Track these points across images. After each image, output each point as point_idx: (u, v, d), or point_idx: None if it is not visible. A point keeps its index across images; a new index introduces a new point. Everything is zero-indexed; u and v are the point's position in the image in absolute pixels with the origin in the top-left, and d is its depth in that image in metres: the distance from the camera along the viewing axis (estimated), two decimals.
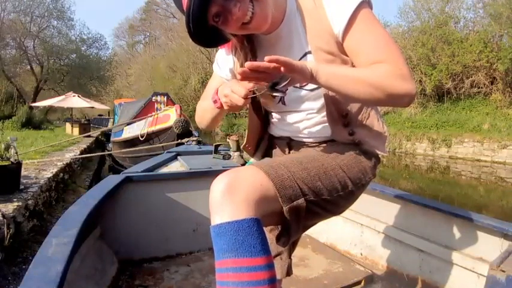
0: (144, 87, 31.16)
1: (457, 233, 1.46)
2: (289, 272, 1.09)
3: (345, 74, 0.77)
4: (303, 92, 0.91)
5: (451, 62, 13.49)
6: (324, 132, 0.95)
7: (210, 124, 1.00)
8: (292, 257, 1.11)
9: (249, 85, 0.77)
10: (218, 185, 0.71)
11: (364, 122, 0.93)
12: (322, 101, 0.90)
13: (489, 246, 1.34)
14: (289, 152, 1.02)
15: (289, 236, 0.81)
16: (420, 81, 14.37)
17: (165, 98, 8.62)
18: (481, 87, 13.37)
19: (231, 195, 0.68)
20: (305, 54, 0.87)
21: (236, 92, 0.77)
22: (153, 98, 8.56)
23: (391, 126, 14.38)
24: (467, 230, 1.42)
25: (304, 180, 0.78)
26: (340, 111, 0.90)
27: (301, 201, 0.76)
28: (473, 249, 1.39)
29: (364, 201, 1.88)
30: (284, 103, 0.95)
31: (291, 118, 0.97)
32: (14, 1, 21.55)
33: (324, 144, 0.96)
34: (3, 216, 2.67)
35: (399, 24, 17.02)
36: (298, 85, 0.90)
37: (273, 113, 1.03)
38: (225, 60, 1.02)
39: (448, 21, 14.51)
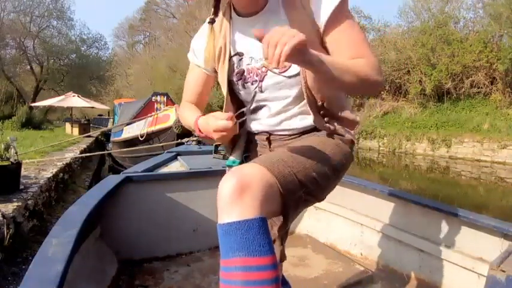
0: (144, 87, 31.10)
1: (457, 233, 1.46)
2: (282, 258, 1.11)
3: (333, 60, 0.80)
4: (280, 78, 0.93)
5: (451, 62, 13.48)
6: (301, 123, 0.97)
7: None
8: (285, 244, 1.13)
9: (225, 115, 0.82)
10: (226, 184, 0.71)
11: (338, 110, 0.97)
12: (298, 89, 0.92)
13: (489, 246, 1.34)
14: (270, 147, 1.03)
15: (286, 224, 0.84)
16: (420, 81, 14.36)
17: (165, 98, 8.63)
18: (481, 87, 13.36)
19: (240, 194, 0.69)
20: None
21: (219, 117, 0.82)
22: (153, 98, 8.57)
23: (391, 126, 14.37)
24: (467, 230, 1.42)
25: (301, 173, 0.81)
26: (316, 100, 0.93)
27: (300, 193, 0.81)
28: (473, 249, 1.39)
29: (364, 201, 1.88)
30: (261, 90, 0.96)
31: (268, 110, 0.99)
32: (14, 1, 21.53)
33: (305, 136, 0.98)
34: (3, 216, 2.67)
35: (399, 25, 17.02)
36: (277, 71, 0.91)
37: (250, 108, 1.04)
38: (200, 48, 1.04)
39: (447, 21, 14.50)
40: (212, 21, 0.98)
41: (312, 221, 2.14)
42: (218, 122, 0.82)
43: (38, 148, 6.28)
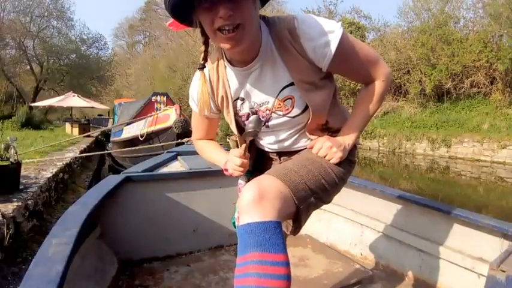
0: (144, 87, 31.07)
1: (457, 233, 1.46)
2: None
3: (362, 120, 1.00)
4: (286, 119, 0.97)
5: (451, 62, 13.47)
6: (307, 143, 1.03)
7: None
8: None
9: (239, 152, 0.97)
10: (248, 193, 0.79)
11: (340, 123, 1.03)
12: (303, 122, 0.98)
13: (489, 246, 1.34)
14: (280, 159, 1.09)
15: (300, 227, 0.95)
16: (420, 81, 14.35)
17: (165, 98, 8.64)
18: (481, 87, 13.35)
19: (260, 201, 0.77)
20: (287, 86, 0.92)
21: (234, 162, 0.97)
22: (153, 98, 8.59)
23: (391, 126, 14.37)
24: (467, 230, 1.42)
25: (311, 181, 0.89)
26: (321, 124, 1.00)
27: (311, 199, 0.90)
28: (473, 249, 1.39)
29: (364, 201, 1.88)
30: (268, 127, 1.00)
31: (273, 137, 1.04)
32: (13, 1, 21.55)
33: None
34: (3, 216, 2.67)
35: (399, 24, 17.00)
36: (281, 113, 0.96)
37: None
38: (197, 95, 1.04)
39: (447, 21, 14.49)
40: (202, 67, 0.94)
41: (312, 221, 2.14)
42: (236, 162, 0.96)
43: (38, 148, 6.28)
